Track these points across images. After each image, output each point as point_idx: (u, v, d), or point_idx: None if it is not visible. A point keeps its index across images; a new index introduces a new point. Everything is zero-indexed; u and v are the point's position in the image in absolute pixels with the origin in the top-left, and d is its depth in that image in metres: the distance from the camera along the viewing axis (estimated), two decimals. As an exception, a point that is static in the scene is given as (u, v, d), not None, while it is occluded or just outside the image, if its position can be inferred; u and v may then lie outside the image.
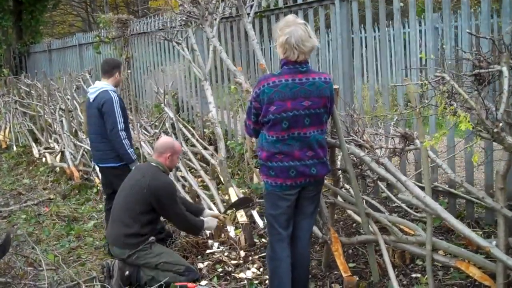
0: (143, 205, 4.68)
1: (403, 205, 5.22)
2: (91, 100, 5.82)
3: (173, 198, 4.73)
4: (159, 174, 4.77)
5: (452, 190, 5.36)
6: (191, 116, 9.89)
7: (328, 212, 4.59)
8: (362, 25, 11.20)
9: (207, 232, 5.81)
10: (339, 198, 4.80)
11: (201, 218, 5.22)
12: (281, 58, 3.94)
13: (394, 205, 5.80)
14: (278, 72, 3.93)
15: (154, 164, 4.86)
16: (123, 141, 5.63)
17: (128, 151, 5.67)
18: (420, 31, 10.64)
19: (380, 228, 4.52)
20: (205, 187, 6.98)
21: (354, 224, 5.64)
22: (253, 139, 6.32)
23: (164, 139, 5.15)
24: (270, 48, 11.10)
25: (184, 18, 5.67)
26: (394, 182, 4.07)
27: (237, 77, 4.88)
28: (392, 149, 4.19)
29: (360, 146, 4.43)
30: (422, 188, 4.00)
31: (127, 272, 4.85)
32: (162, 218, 5.25)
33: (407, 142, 4.14)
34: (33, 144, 11.43)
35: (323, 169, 4.03)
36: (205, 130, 8.45)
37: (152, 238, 4.85)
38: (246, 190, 6.71)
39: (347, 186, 5.06)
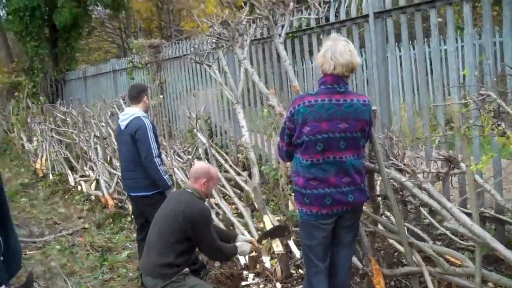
0: (178, 233, 4.49)
1: (448, 233, 4.90)
2: (122, 128, 5.68)
3: (208, 225, 4.53)
4: (194, 200, 4.59)
5: (500, 216, 5.03)
6: (224, 141, 9.73)
7: (368, 241, 4.32)
8: (397, 43, 10.99)
9: (242, 262, 5.60)
10: (379, 226, 4.52)
11: (234, 244, 4.98)
12: (319, 77, 3.76)
13: (437, 232, 5.48)
14: (314, 91, 3.75)
15: (189, 190, 4.68)
16: (159, 167, 5.48)
17: (164, 177, 5.50)
18: (457, 48, 10.41)
19: (424, 258, 4.22)
20: (239, 215, 6.77)
21: (396, 253, 5.34)
22: (287, 164, 6.11)
23: (199, 165, 4.96)
24: (303, 69, 10.90)
25: (214, 40, 5.51)
26: (439, 209, 3.80)
27: (269, 100, 4.68)
28: (435, 174, 3.91)
29: (401, 170, 4.16)
30: (468, 215, 3.73)
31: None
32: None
33: (451, 165, 3.86)
34: (69, 172, 11.41)
35: (361, 196, 3.80)
36: (239, 155, 8.27)
37: (186, 269, 4.64)
38: (282, 217, 6.46)
39: (388, 214, 4.78)
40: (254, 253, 5.60)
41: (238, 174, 7.33)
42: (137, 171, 5.58)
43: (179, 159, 8.54)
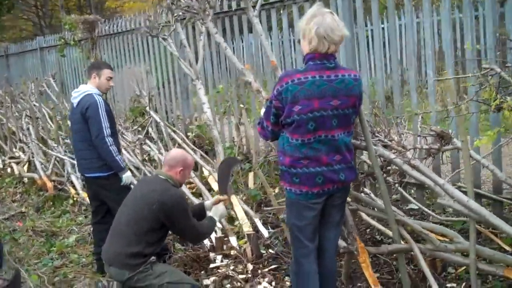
0: (152, 222, 4.17)
1: (423, 207, 4.87)
2: (74, 105, 5.32)
3: (186, 214, 4.24)
4: (169, 188, 4.28)
5: (498, 196, 4.99)
6: (170, 119, 9.38)
7: (352, 220, 4.21)
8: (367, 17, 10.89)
9: (207, 244, 5.37)
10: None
11: (208, 216, 4.72)
12: (306, 52, 3.54)
13: (407, 207, 5.48)
14: (303, 68, 3.52)
15: (162, 177, 4.36)
16: (110, 147, 5.14)
17: (116, 158, 5.18)
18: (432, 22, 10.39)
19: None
20: (196, 195, 6.53)
21: (368, 230, 5.29)
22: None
23: (175, 152, 4.63)
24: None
25: (180, 13, 5.19)
26: (432, 186, 3.71)
27: (245, 76, 4.44)
28: (427, 150, 3.82)
29: (386, 147, 4.06)
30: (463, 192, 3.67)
31: (126, 294, 4.34)
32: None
33: (444, 141, 3.79)
34: (-4, 153, 10.73)
35: (351, 174, 3.67)
36: (188, 133, 7.97)
37: (152, 257, 4.35)
38: (243, 196, 6.27)
39: (367, 191, 4.68)
40: (220, 234, 5.41)
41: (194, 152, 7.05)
42: (91, 150, 5.23)
43: (124, 139, 8.15)
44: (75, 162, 8.04)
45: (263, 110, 4.15)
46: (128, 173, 5.32)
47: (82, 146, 5.31)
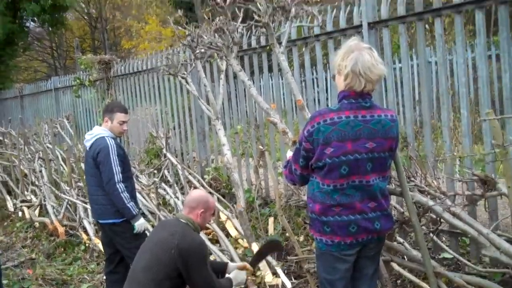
0: (169, 268, 3.84)
1: (459, 257, 4.51)
2: (87, 148, 5.16)
3: (204, 262, 3.92)
4: (189, 233, 3.97)
5: None
6: (185, 161, 9.12)
7: (386, 272, 3.87)
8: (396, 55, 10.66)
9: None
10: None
11: (227, 276, 4.39)
12: (340, 89, 3.27)
13: (439, 257, 5.12)
14: (336, 107, 3.25)
15: (183, 220, 4.06)
16: (122, 194, 4.93)
17: (128, 205, 4.95)
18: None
19: None
20: (212, 241, 6.21)
21: (399, 281, 4.92)
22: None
23: (196, 193, 4.35)
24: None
25: (202, 51, 4.97)
26: (476, 236, 3.39)
27: (271, 116, 4.18)
28: (469, 196, 3.51)
29: (422, 192, 3.75)
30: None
31: None
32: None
33: (487, 187, 3.47)
34: (7, 197, 10.47)
35: (387, 223, 3.36)
36: (205, 176, 7.69)
37: None
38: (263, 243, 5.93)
39: (400, 239, 4.34)
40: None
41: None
42: (104, 195, 5.03)
43: (139, 182, 7.88)
44: (87, 206, 7.82)
45: (289, 153, 3.91)
46: (141, 221, 5.09)
47: (96, 191, 5.11)
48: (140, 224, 5.03)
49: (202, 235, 5.96)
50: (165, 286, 3.87)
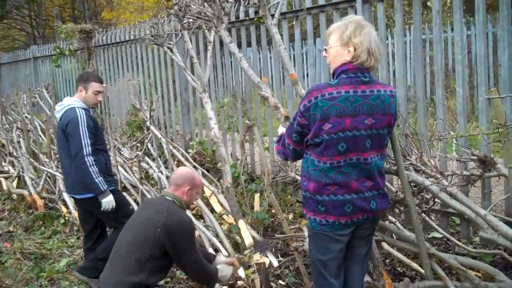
0: (155, 247, 3.71)
1: (450, 237, 4.44)
2: (58, 120, 4.92)
3: (191, 241, 3.80)
4: (176, 211, 3.83)
5: None
6: (168, 134, 8.94)
7: (378, 252, 3.78)
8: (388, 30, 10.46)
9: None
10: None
11: (215, 266, 4.28)
12: (339, 63, 3.13)
13: (429, 236, 5.06)
14: (334, 81, 3.11)
15: (169, 198, 3.92)
16: (90, 168, 4.69)
17: (96, 180, 4.71)
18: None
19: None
20: (196, 217, 6.09)
21: (387, 260, 4.86)
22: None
23: (182, 170, 4.21)
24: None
25: (191, 20, 4.78)
26: (473, 217, 3.30)
27: (262, 90, 4.02)
28: (467, 176, 3.41)
29: (417, 171, 3.65)
30: (507, 224, 3.26)
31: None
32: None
33: (486, 167, 3.38)
34: (-16, 167, 10.23)
35: (383, 202, 3.25)
36: (189, 150, 7.53)
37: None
38: (249, 219, 5.82)
39: (392, 219, 4.25)
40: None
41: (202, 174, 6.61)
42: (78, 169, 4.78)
43: (121, 155, 7.70)
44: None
45: (281, 128, 3.78)
46: (109, 198, 4.81)
47: (69, 165, 4.86)
48: (107, 201, 4.79)
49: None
50: (149, 266, 3.75)
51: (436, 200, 3.77)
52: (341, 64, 3.13)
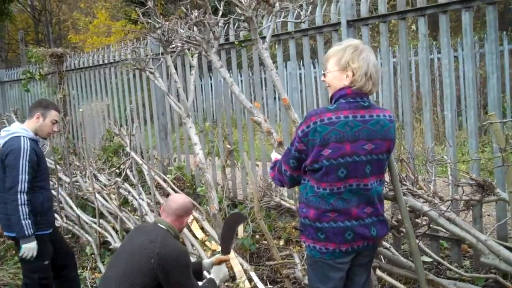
0: (149, 279, 3.54)
1: (443, 262, 4.41)
2: (1, 146, 4.52)
3: (187, 272, 3.65)
4: (171, 241, 3.68)
5: None
6: (145, 159, 8.79)
7: (376, 279, 3.72)
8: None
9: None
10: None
11: (209, 277, 4.13)
12: (337, 88, 3.10)
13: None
14: (333, 106, 3.07)
15: (163, 227, 3.77)
16: (20, 206, 4.26)
17: (22, 221, 4.27)
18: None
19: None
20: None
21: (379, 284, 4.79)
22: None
23: (182, 199, 3.94)
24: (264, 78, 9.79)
25: (179, 45, 4.69)
26: (474, 242, 3.27)
27: (254, 115, 3.96)
28: (466, 202, 3.39)
29: (414, 196, 3.62)
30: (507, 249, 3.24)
31: None
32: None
33: (485, 192, 3.36)
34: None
35: (383, 228, 3.22)
36: (168, 175, 7.40)
37: None
38: (234, 246, 5.72)
39: (387, 245, 4.20)
40: None
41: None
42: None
43: (98, 181, 7.52)
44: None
45: (274, 154, 3.73)
46: (32, 245, 4.35)
47: (1, 198, 4.45)
48: (28, 248, 4.34)
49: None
50: None
51: (431, 225, 3.75)
52: (339, 88, 3.10)
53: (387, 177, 3.40)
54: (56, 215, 7.15)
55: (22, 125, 4.54)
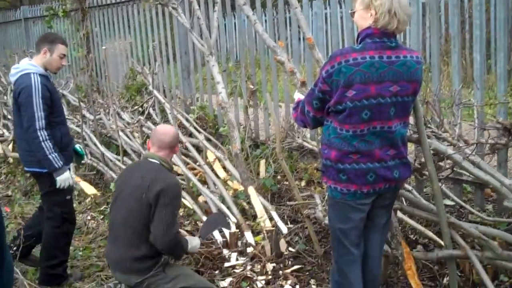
0: (145, 215, 3.59)
1: (464, 205, 4.39)
2: (12, 85, 4.50)
3: (174, 202, 3.62)
4: (163, 174, 3.67)
5: None
6: (168, 99, 8.80)
7: (397, 221, 3.73)
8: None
9: (220, 239, 4.86)
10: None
11: (185, 237, 4.13)
12: (363, 27, 3.03)
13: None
14: (359, 46, 3.02)
15: (155, 161, 3.75)
16: (43, 143, 4.27)
17: (49, 156, 4.29)
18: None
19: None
20: (202, 183, 6.00)
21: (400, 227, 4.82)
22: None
23: (172, 129, 3.92)
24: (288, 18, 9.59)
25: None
26: (498, 186, 3.24)
27: (278, 54, 3.90)
28: (491, 145, 3.34)
29: (438, 139, 3.58)
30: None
31: (136, 298, 3.80)
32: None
33: (511, 136, 3.31)
34: (-23, 131, 10.03)
35: (406, 171, 3.21)
36: (190, 115, 7.39)
37: (164, 257, 3.80)
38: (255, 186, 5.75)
39: (408, 187, 4.19)
40: (235, 229, 4.89)
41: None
42: (28, 141, 4.41)
43: (121, 119, 7.56)
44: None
45: (297, 94, 3.69)
46: (65, 175, 4.44)
47: (20, 135, 4.49)
48: (63, 179, 4.41)
49: (192, 175, 5.76)
50: (147, 237, 3.64)
51: (454, 168, 3.72)
52: (365, 28, 3.04)
53: (411, 120, 3.36)
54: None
55: (31, 61, 4.44)
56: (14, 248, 4.68)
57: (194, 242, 4.01)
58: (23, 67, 4.37)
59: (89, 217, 6.11)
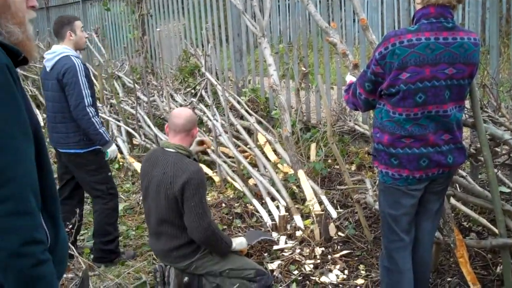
0: (179, 209, 3.59)
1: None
2: (47, 69, 4.54)
3: (200, 192, 3.51)
4: (182, 164, 3.55)
5: None
6: (220, 81, 8.82)
7: (449, 208, 3.64)
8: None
9: (270, 222, 4.86)
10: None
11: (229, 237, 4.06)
12: (421, 6, 2.94)
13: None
14: (414, 27, 2.93)
15: (171, 150, 3.63)
16: (93, 119, 4.44)
17: (100, 130, 4.49)
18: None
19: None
20: (252, 166, 6.00)
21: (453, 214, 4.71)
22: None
23: (185, 111, 3.75)
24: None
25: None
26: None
27: (330, 35, 3.84)
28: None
29: (495, 124, 3.46)
30: None
31: (186, 279, 3.80)
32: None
33: None
34: (37, 111, 10.31)
35: (460, 156, 3.10)
36: (242, 97, 7.40)
37: None
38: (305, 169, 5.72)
39: (463, 173, 4.08)
40: (284, 213, 4.88)
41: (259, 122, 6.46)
42: (67, 123, 4.52)
43: (174, 101, 7.64)
44: (121, 124, 7.64)
45: (348, 76, 3.62)
46: (114, 147, 4.67)
47: (57, 118, 4.57)
48: (112, 150, 4.64)
49: (242, 158, 5.77)
50: (184, 224, 3.63)
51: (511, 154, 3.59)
52: (421, 7, 2.94)
53: (467, 104, 3.26)
54: (134, 133, 7.39)
55: (63, 46, 4.51)
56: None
57: (238, 240, 3.89)
58: (59, 51, 4.47)
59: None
